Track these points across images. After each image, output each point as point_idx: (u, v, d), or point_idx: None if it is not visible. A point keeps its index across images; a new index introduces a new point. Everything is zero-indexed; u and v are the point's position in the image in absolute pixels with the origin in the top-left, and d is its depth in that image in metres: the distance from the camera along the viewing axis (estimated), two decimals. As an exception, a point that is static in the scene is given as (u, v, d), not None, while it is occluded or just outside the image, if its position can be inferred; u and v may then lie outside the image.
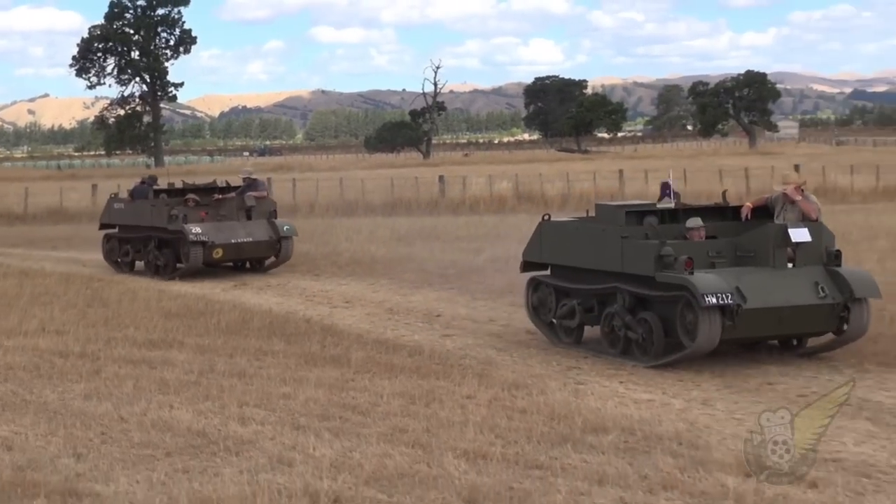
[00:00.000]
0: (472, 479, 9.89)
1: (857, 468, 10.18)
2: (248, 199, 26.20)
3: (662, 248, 14.36)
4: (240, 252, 25.86)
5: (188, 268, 25.38)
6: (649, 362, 14.68)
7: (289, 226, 26.36)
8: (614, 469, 10.16)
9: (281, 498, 9.47)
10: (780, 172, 49.99)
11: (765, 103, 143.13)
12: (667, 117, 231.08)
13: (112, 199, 29.01)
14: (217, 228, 25.35)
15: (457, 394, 13.27)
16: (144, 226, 26.53)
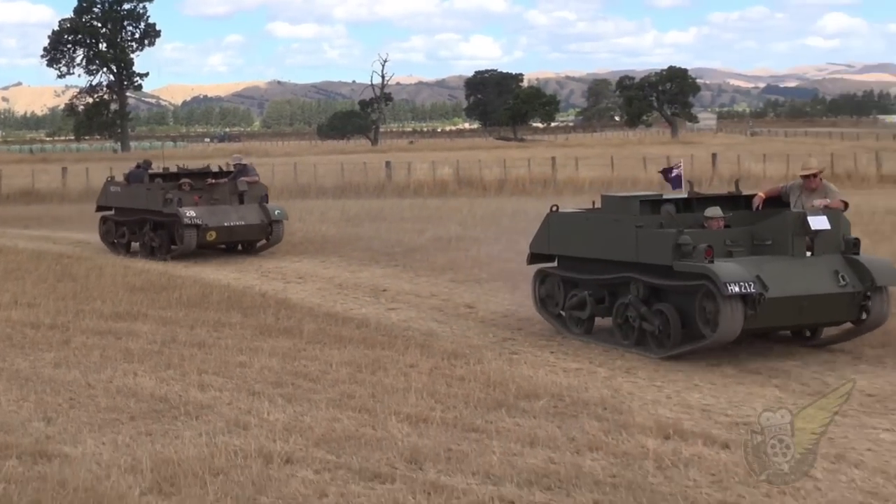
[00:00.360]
0: (414, 441, 9.94)
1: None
2: (240, 184, 25.33)
3: (680, 237, 13.15)
4: (232, 235, 25.05)
5: (182, 250, 24.52)
6: (665, 353, 13.48)
7: (279, 210, 25.49)
8: (544, 432, 10.23)
9: (237, 458, 9.47)
10: (699, 160, 50.54)
11: (686, 97, 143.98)
12: (596, 109, 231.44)
13: (108, 183, 27.76)
14: (210, 212, 24.47)
15: (400, 363, 13.30)
16: (140, 208, 25.61)
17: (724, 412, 11.04)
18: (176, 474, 9.04)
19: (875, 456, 9.47)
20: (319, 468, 9.26)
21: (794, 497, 8.39)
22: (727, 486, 8.70)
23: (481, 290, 19.25)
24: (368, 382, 12.30)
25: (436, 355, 13.70)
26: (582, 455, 9.52)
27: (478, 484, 8.78)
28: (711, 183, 44.75)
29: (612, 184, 44.91)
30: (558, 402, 11.31)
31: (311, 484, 8.86)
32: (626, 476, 8.91)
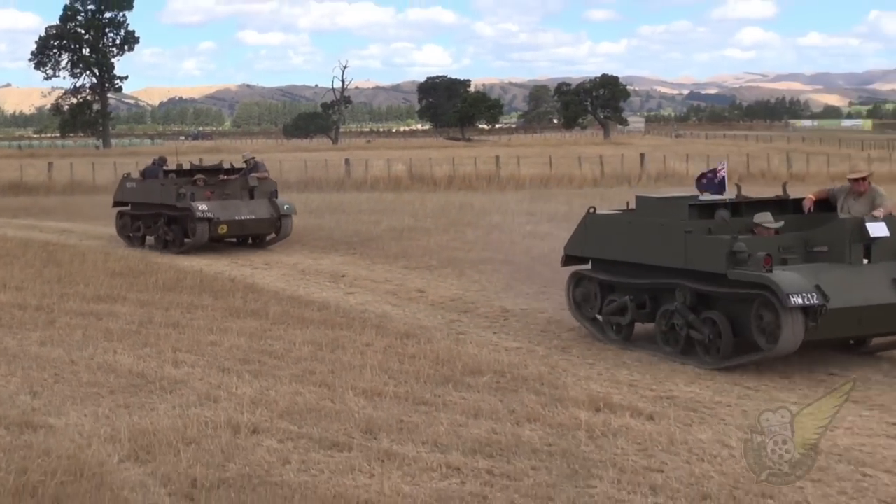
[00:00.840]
0: (370, 413, 9.93)
1: (687, 404, 10.37)
2: (251, 180, 24.13)
3: (735, 244, 11.55)
4: (243, 228, 23.74)
5: (195, 243, 23.14)
6: (715, 364, 11.80)
7: (288, 205, 24.13)
8: (487, 405, 10.25)
9: (207, 429, 9.44)
10: (628, 159, 50.76)
11: (617, 102, 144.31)
12: (536, 112, 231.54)
13: (125, 179, 26.39)
14: (222, 206, 23.26)
15: (357, 342, 13.28)
16: (155, 203, 24.26)
17: (650, 387, 11.10)
18: (151, 443, 9.00)
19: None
20: (283, 438, 9.24)
21: (711, 464, 8.45)
22: (652, 454, 8.76)
23: (431, 276, 19.25)
24: (328, 360, 12.27)
25: (389, 335, 13.69)
26: (521, 426, 9.55)
27: (427, 452, 8.79)
28: (640, 180, 44.95)
29: (551, 180, 45.02)
30: (500, 378, 11.33)
31: (276, 452, 8.84)
32: (560, 445, 8.95)
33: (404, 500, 7.71)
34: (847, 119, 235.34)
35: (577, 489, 7.92)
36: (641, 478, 8.13)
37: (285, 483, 8.06)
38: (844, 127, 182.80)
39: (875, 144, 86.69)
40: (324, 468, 8.45)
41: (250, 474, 8.26)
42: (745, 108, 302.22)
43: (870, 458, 8.65)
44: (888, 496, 7.78)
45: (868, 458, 8.62)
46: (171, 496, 7.87)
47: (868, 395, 10.71)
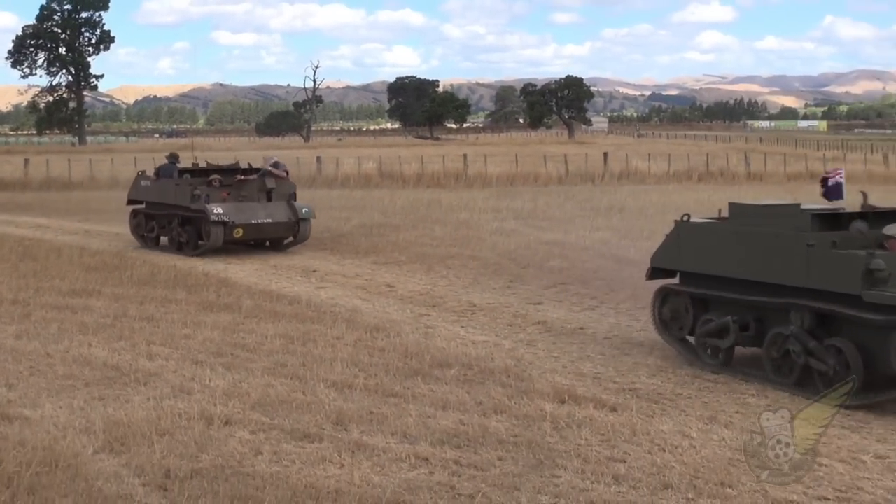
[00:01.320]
0: (340, 404, 9.91)
1: (649, 396, 10.41)
2: (268, 181, 22.45)
3: (872, 261, 9.74)
4: (260, 232, 21.97)
5: (209, 246, 21.50)
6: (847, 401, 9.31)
7: (307, 208, 22.44)
8: (455, 397, 10.25)
9: (181, 420, 9.38)
10: (592, 158, 50.88)
11: (581, 102, 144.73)
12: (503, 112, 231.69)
13: (139, 177, 24.79)
14: (238, 209, 21.64)
15: (328, 335, 13.24)
16: (169, 203, 22.66)
17: (613, 380, 11.12)
18: (126, 435, 8.94)
19: (742, 418, 9.60)
20: (255, 429, 9.20)
21: (673, 454, 8.48)
22: (615, 444, 8.77)
23: (400, 271, 19.22)
24: (299, 353, 12.23)
25: (359, 329, 13.66)
26: (488, 417, 9.55)
27: (396, 443, 8.78)
28: (603, 179, 45.08)
29: (517, 179, 45.03)
30: (468, 371, 11.32)
31: (248, 443, 8.80)
32: (526, 436, 8.95)
33: (374, 489, 7.68)
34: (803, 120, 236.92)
35: (542, 479, 7.93)
36: (605, 468, 8.14)
37: (257, 473, 8.02)
38: (800, 128, 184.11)
39: (830, 145, 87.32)
40: (295, 459, 8.42)
41: (223, 465, 8.22)
42: (705, 109, 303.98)
43: (825, 448, 8.68)
44: (842, 485, 7.83)
45: (823, 449, 8.65)
46: (145, 487, 7.82)
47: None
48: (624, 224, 25.65)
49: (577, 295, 16.40)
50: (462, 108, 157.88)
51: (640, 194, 36.21)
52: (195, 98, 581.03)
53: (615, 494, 7.61)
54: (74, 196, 40.03)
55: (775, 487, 7.71)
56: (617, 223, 25.89)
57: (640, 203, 31.89)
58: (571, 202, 32.78)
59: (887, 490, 7.73)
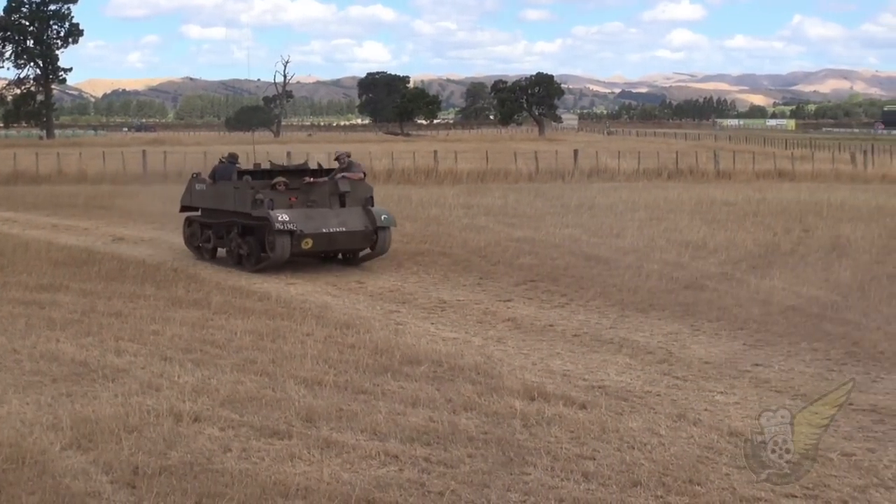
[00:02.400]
0: (310, 401, 9.88)
1: (618, 393, 10.43)
2: (342, 184, 19.42)
3: None
4: (332, 243, 19.14)
5: (274, 260, 18.74)
6: None
7: (387, 214, 19.52)
8: (425, 394, 10.24)
9: (150, 417, 9.33)
10: (562, 155, 50.94)
11: (552, 99, 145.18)
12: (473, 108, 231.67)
13: (194, 179, 21.62)
14: (307, 216, 18.75)
15: (298, 332, 13.20)
16: (227, 210, 19.91)
17: (582, 377, 11.15)
18: (94, 431, 8.88)
19: (711, 415, 9.64)
20: (224, 426, 9.16)
21: (642, 451, 8.51)
22: (584, 441, 8.79)
23: (370, 268, 19.19)
24: (269, 349, 12.19)
25: (329, 325, 13.63)
26: (458, 414, 9.55)
27: (366, 440, 8.76)
28: (573, 176, 45.14)
29: (487, 175, 45.03)
30: (438, 368, 11.32)
31: (217, 440, 8.76)
32: (496, 433, 8.95)
33: (343, 487, 7.67)
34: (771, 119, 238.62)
35: (511, 476, 7.94)
36: (574, 465, 8.16)
37: (226, 470, 7.99)
38: (769, 126, 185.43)
39: (798, 144, 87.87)
40: (264, 456, 8.39)
41: (192, 462, 8.18)
42: (675, 107, 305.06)
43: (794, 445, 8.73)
44: (810, 482, 7.87)
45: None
46: (113, 484, 7.77)
47: (791, 385, 10.85)
48: (593, 221, 25.71)
49: (546, 292, 16.43)
50: (432, 104, 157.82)
51: (610, 192, 36.29)
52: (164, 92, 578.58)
53: (584, 492, 7.62)
54: (42, 190, 39.69)
55: (743, 485, 7.76)
56: (587, 220, 25.95)
57: (609, 200, 31.97)
58: (541, 199, 32.81)
59: (854, 487, 7.79)
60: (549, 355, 12.20)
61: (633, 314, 14.67)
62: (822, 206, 28.92)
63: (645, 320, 14.24)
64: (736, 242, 21.24)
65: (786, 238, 22.07)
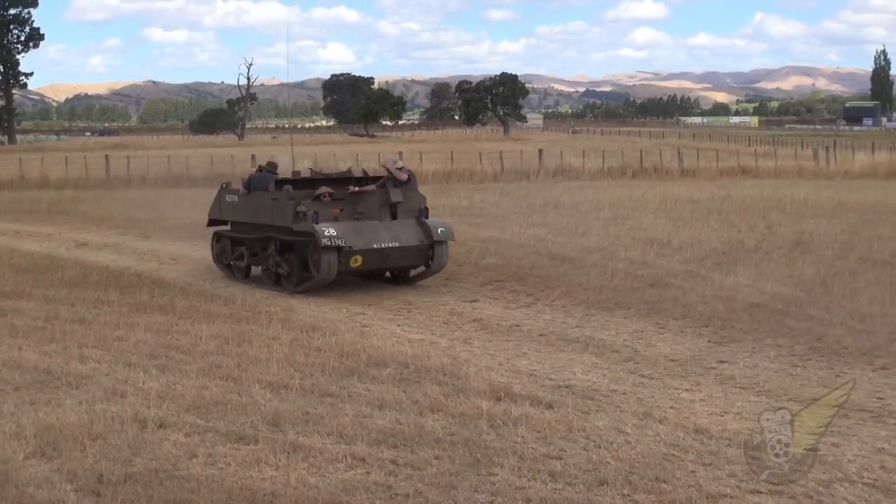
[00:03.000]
0: (276, 405, 9.85)
1: (584, 392, 10.46)
2: (393, 194, 17.25)
3: None
4: (383, 260, 16.99)
5: (320, 280, 16.60)
6: None
7: (444, 227, 17.39)
8: (392, 396, 10.23)
9: (114, 424, 9.27)
10: (527, 155, 51.04)
11: (516, 99, 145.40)
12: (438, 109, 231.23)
13: (224, 190, 19.19)
14: (355, 230, 16.65)
15: (263, 335, 13.16)
16: (264, 224, 17.69)
17: (549, 377, 11.17)
18: (57, 439, 8.81)
19: (677, 413, 9.68)
20: (190, 431, 9.12)
21: (608, 450, 8.53)
22: (551, 441, 8.81)
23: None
24: (235, 353, 12.14)
25: (295, 328, 13.60)
26: (424, 416, 9.54)
27: (332, 443, 8.74)
28: (538, 176, 45.22)
29: (452, 176, 45.07)
30: (404, 370, 11.31)
31: (183, 446, 8.72)
32: (463, 434, 8.95)
33: (310, 491, 7.65)
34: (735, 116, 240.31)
35: (478, 477, 7.94)
36: (541, 465, 8.17)
37: (192, 476, 7.95)
38: (732, 124, 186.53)
39: (761, 141, 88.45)
40: (230, 461, 8.35)
41: (157, 468, 8.13)
42: (639, 105, 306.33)
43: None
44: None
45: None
46: (78, 492, 7.71)
47: (756, 381, 10.91)
48: (559, 220, 25.77)
49: (512, 292, 16.45)
50: (397, 105, 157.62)
51: (575, 191, 36.39)
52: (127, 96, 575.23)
53: (551, 491, 7.64)
54: (3, 196, 39.37)
55: (709, 481, 7.80)
56: (552, 220, 26.00)
57: (574, 199, 32.06)
58: (507, 199, 32.86)
59: (818, 482, 7.83)
60: (515, 355, 12.22)
61: (599, 313, 14.71)
62: (785, 203, 29.11)
63: (610, 319, 14.29)
64: (700, 240, 21.34)
65: (749, 235, 22.20)
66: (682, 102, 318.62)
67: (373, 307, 15.51)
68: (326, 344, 12.56)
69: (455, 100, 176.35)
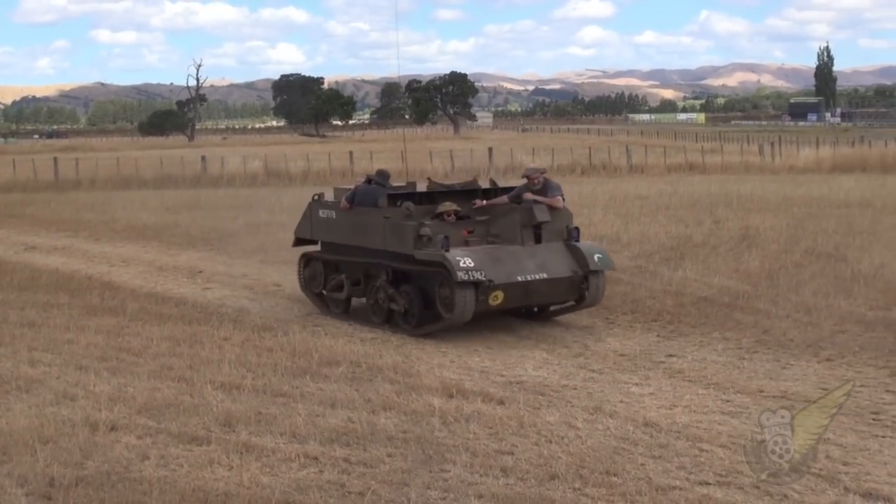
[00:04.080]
0: (228, 406, 9.81)
1: (535, 388, 10.51)
2: (537, 211, 13.44)
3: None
4: (528, 295, 13.18)
5: (454, 321, 12.86)
6: None
7: (602, 254, 13.81)
8: (344, 394, 10.22)
9: (65, 427, 9.19)
10: (478, 153, 51.14)
11: (466, 98, 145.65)
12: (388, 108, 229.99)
13: (315, 204, 15.63)
14: (493, 258, 12.93)
15: (215, 336, 13.10)
16: (373, 248, 14.16)
17: (500, 373, 11.20)
18: (7, 444, 8.72)
19: (626, 407, 9.75)
20: (142, 434, 9.06)
21: (559, 444, 8.58)
22: (502, 437, 8.84)
23: (288, 270, 19.01)
24: (186, 355, 12.08)
25: (247, 329, 13.54)
26: (377, 414, 9.54)
27: (285, 443, 8.72)
28: (489, 173, 45.28)
29: (403, 174, 44.96)
30: (356, 368, 11.30)
31: (135, 448, 8.66)
32: (415, 431, 8.97)
33: (263, 490, 7.62)
34: (682, 113, 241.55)
35: (431, 474, 7.95)
36: (493, 460, 8.20)
37: (144, 479, 7.90)
38: (679, 120, 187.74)
39: (708, 137, 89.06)
40: (183, 462, 8.31)
41: (109, 471, 8.07)
42: (587, 102, 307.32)
43: (706, 433, 8.89)
44: (723, 469, 8.00)
45: (704, 434, 8.86)
46: (28, 496, 7.64)
47: (704, 374, 11.01)
48: (509, 218, 25.77)
49: (464, 290, 16.44)
50: (347, 105, 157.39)
51: (525, 188, 36.45)
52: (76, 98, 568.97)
53: (503, 487, 7.67)
54: (-49, 200, 38.86)
55: (659, 474, 7.86)
56: (502, 217, 26.00)
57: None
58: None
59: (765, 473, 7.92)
60: (466, 353, 12.25)
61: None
62: (731, 198, 29.34)
63: (561, 318, 14.32)
64: (649, 235, 21.48)
65: (697, 230, 22.37)
66: (630, 100, 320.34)
67: (325, 307, 15.46)
68: (278, 344, 12.52)
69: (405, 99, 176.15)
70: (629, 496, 7.47)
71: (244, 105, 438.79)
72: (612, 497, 7.47)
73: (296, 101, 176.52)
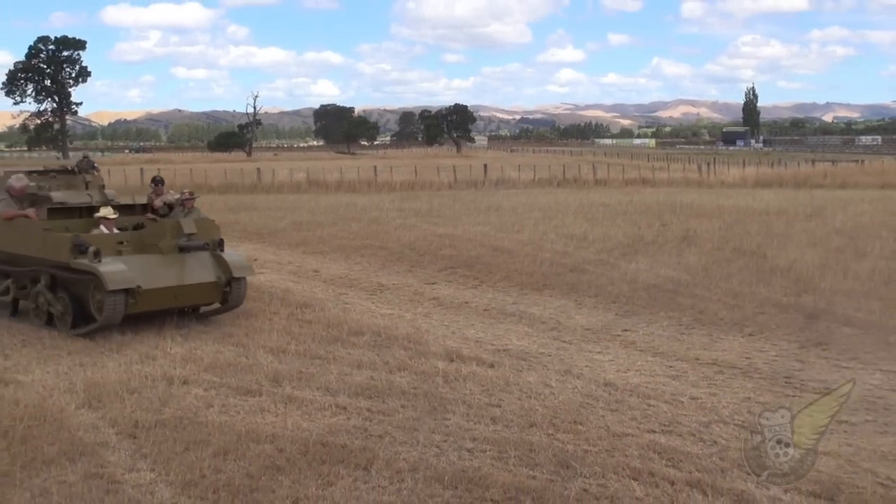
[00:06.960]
0: (276, 366, 9.80)
1: (519, 355, 10.49)
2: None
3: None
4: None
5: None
6: None
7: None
8: (367, 358, 10.20)
9: (147, 381, 9.19)
10: (475, 168, 51.00)
11: (466, 125, 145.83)
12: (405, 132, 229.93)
13: None
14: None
15: (266, 311, 13.07)
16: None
17: (491, 343, 11.18)
18: (101, 394, 8.73)
19: (590, 370, 9.74)
20: (208, 387, 9.05)
21: (537, 400, 8.57)
22: (492, 393, 8.83)
23: (324, 259, 19.07)
24: (243, 325, 12.06)
25: (291, 305, 13.51)
26: (393, 374, 9.53)
27: (321, 396, 8.72)
28: (484, 185, 45.22)
29: (416, 185, 44.96)
30: (377, 338, 11.28)
31: (202, 398, 8.66)
32: (423, 388, 8.96)
33: (303, 433, 7.62)
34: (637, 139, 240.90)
35: (435, 421, 7.95)
36: (484, 412, 8.20)
37: (209, 422, 7.90)
38: (635, 144, 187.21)
39: (657, 158, 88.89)
40: (240, 410, 8.31)
41: (181, 416, 8.07)
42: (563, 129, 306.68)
43: (653, 392, 8.88)
44: (666, 420, 8.00)
45: (652, 392, 8.85)
46: (118, 435, 7.65)
47: (653, 345, 10.99)
48: (499, 220, 25.78)
49: (463, 276, 16.44)
50: (373, 129, 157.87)
51: (512, 196, 36.41)
52: (158, 121, 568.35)
53: (492, 432, 7.66)
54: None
55: (615, 424, 7.85)
56: (494, 219, 26.01)
57: (511, 203, 32.08)
58: (459, 203, 32.84)
59: (700, 423, 7.93)
60: (465, 326, 12.22)
61: (530, 293, 14.74)
62: (676, 206, 29.28)
63: (539, 297, 14.32)
64: (610, 235, 21.43)
65: (648, 231, 22.32)
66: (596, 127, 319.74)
67: (353, 289, 15.43)
68: (316, 317, 12.50)
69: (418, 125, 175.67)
70: (592, 441, 7.46)
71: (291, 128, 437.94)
72: (578, 441, 7.46)
73: (332, 125, 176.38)
